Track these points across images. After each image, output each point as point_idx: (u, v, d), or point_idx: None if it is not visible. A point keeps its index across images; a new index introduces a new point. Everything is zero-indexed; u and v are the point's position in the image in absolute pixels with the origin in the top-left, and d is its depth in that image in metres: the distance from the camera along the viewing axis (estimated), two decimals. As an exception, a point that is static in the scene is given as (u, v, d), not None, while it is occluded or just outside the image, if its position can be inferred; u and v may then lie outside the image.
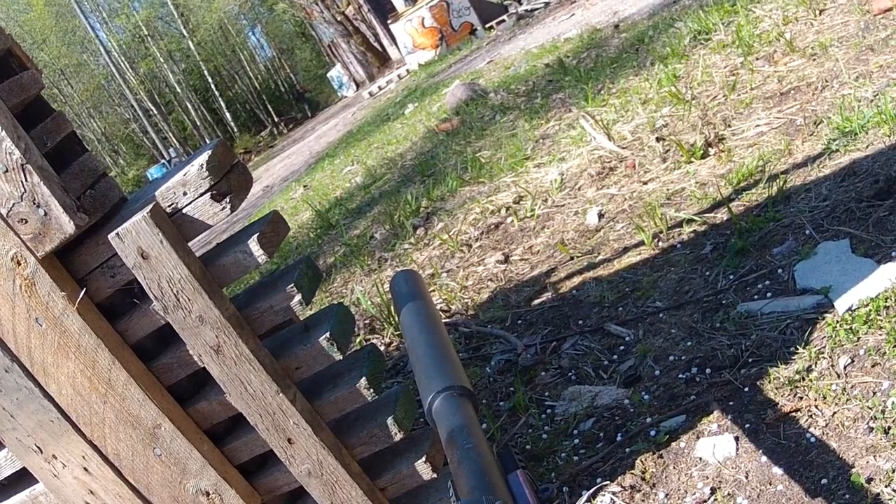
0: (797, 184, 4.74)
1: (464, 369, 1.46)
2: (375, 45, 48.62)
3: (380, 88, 34.85)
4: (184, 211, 2.53)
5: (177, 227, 2.54)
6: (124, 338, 2.74)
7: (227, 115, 70.93)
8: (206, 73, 70.19)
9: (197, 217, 2.53)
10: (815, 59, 6.43)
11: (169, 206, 2.53)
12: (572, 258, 5.44)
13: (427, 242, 7.43)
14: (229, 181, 2.53)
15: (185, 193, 2.51)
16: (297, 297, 2.60)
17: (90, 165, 2.71)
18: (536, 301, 5.15)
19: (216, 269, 2.60)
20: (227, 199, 2.51)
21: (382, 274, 7.22)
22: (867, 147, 4.69)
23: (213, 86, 70.66)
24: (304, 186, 17.22)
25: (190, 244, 2.60)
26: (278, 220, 2.68)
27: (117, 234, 2.47)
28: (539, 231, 6.20)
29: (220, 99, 71.02)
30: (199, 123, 68.72)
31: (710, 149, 5.85)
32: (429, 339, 1.57)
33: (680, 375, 3.66)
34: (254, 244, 2.51)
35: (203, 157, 2.48)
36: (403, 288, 1.79)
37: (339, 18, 47.20)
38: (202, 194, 2.49)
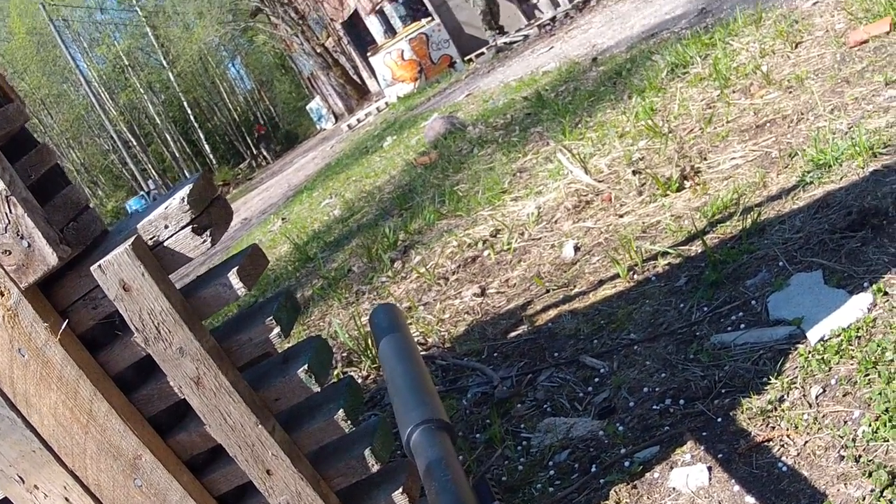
0: (771, 216, 4.79)
1: (441, 402, 1.49)
2: (355, 77, 48.70)
3: (359, 121, 34.90)
4: (165, 244, 2.56)
5: (158, 259, 2.57)
6: (106, 369, 2.76)
7: (206, 146, 70.88)
8: (185, 104, 70.18)
9: (178, 250, 2.56)
10: (791, 92, 6.49)
11: (150, 238, 2.56)
12: (548, 291, 5.48)
13: (404, 276, 7.46)
14: (210, 215, 2.57)
15: (166, 227, 2.54)
16: (276, 330, 2.63)
17: (73, 198, 2.74)
18: (512, 334, 5.19)
19: (196, 301, 2.63)
20: (208, 233, 2.54)
21: (360, 307, 7.24)
22: (841, 179, 4.75)
23: (192, 117, 70.64)
24: (283, 219, 17.26)
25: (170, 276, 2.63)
26: (257, 253, 2.71)
27: (99, 266, 2.50)
28: (516, 264, 6.23)
29: (199, 130, 70.99)
30: (178, 155, 68.68)
31: (685, 182, 5.90)
32: (407, 372, 1.60)
33: (654, 406, 3.70)
34: (233, 277, 2.54)
35: (184, 191, 2.51)
36: (383, 321, 1.82)
37: (318, 51, 47.29)
38: (183, 227, 2.53)
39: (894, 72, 5.69)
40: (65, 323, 2.66)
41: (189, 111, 70.38)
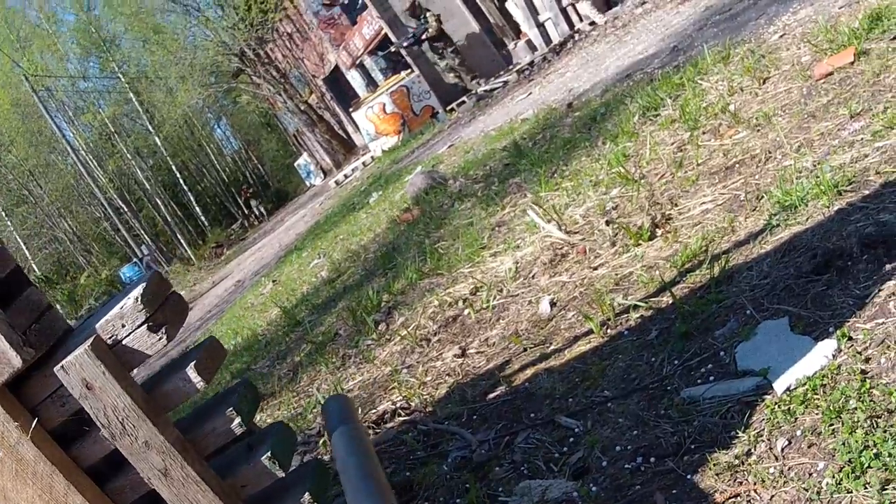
0: (739, 262, 4.82)
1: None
2: (340, 132, 48.86)
3: (346, 177, 35.02)
4: (123, 342, 2.61)
5: (118, 357, 2.62)
6: (78, 463, 2.81)
7: (197, 209, 71.06)
8: (174, 168, 70.37)
9: (136, 348, 2.61)
10: (759, 130, 6.53)
11: (109, 338, 2.61)
12: (525, 349, 5.49)
13: (389, 337, 7.49)
14: (164, 312, 2.62)
15: (123, 325, 2.59)
16: (237, 420, 2.68)
17: (35, 299, 2.79)
18: (491, 395, 5.20)
19: (159, 395, 2.68)
20: (164, 330, 2.59)
21: (347, 371, 7.27)
22: (807, 220, 4.78)
23: (181, 181, 70.82)
24: (274, 281, 17.36)
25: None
26: (215, 346, 2.76)
27: (62, 366, 2.55)
28: (495, 322, 6.26)
29: (189, 193, 71.14)
30: (169, 219, 68.71)
31: (657, 230, 5.93)
32: (359, 463, 1.65)
33: (626, 466, 3.71)
34: (192, 372, 2.60)
35: (138, 291, 2.56)
36: (334, 414, 1.88)
37: (302, 108, 47.48)
38: (139, 326, 2.58)
39: (859, 104, 5.73)
40: (35, 421, 2.70)
41: (178, 174, 70.60)
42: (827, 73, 6.67)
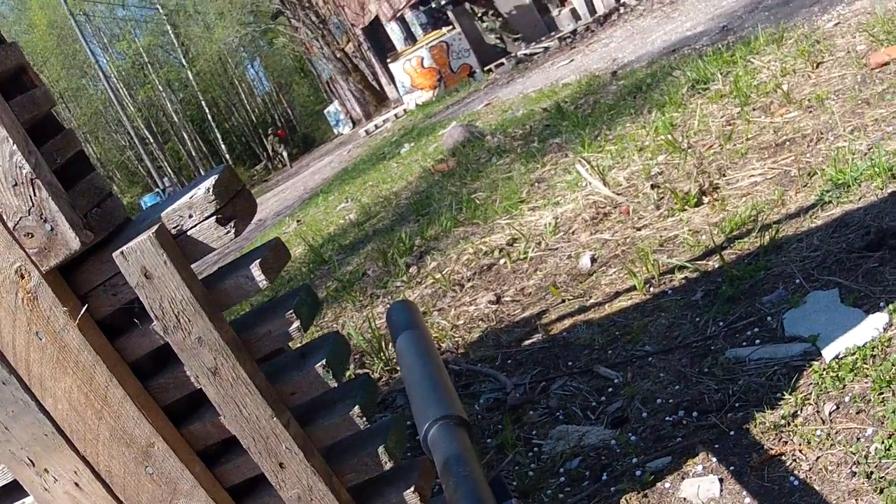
0: (789, 234, 4.78)
1: (459, 399, 1.49)
2: (373, 83, 48.63)
3: (376, 127, 34.87)
4: (188, 233, 2.56)
5: (181, 248, 2.58)
6: (122, 356, 2.77)
7: (223, 146, 70.88)
8: (203, 103, 70.19)
9: (201, 240, 2.56)
10: (811, 112, 6.49)
11: (174, 227, 2.57)
12: (564, 301, 5.47)
13: (419, 281, 7.46)
14: (234, 206, 2.57)
15: (190, 216, 2.54)
16: (296, 324, 2.63)
17: (97, 184, 2.74)
18: (527, 342, 5.18)
19: (217, 292, 2.64)
20: (232, 224, 2.54)
21: (374, 310, 7.24)
22: (860, 199, 4.74)
23: (210, 117, 70.63)
24: (298, 221, 17.27)
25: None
26: (280, 246, 2.72)
27: (122, 252, 2.51)
28: (532, 273, 6.23)
29: (216, 130, 70.99)
30: (194, 154, 68.66)
31: (704, 197, 5.89)
32: (425, 368, 1.60)
33: (667, 418, 3.69)
34: (256, 269, 2.55)
35: (210, 181, 2.52)
36: (400, 318, 1.82)
37: (338, 55, 47.24)
38: (207, 217, 2.53)
39: (915, 95, 5.70)
40: (84, 308, 2.66)
41: (207, 110, 70.42)
42: (883, 63, 6.62)
